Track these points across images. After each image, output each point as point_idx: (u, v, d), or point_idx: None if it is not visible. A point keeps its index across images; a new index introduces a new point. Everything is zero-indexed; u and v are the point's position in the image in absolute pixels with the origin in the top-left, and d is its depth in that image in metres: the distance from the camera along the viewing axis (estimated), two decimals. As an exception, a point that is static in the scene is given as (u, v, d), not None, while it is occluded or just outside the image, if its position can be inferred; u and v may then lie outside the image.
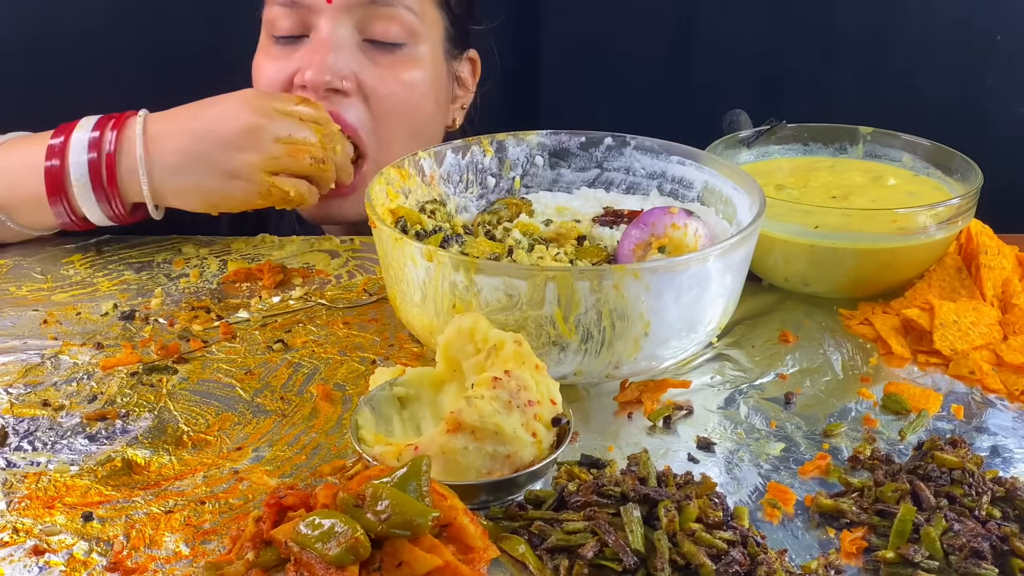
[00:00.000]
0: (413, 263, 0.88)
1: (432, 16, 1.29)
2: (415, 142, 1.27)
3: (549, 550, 0.73)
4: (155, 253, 1.24)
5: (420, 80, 1.28)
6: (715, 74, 1.81)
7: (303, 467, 0.85)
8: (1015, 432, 0.90)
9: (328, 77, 1.21)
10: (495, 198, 1.14)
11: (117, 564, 0.73)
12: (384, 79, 1.25)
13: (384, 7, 1.23)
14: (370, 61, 1.25)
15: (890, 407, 0.93)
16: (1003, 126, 1.76)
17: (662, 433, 0.90)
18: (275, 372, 0.99)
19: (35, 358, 1.00)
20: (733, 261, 0.90)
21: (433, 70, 1.30)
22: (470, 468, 0.76)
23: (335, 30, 1.22)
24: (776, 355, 1.02)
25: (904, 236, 1.06)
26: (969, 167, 1.14)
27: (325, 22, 1.22)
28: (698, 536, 0.72)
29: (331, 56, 1.21)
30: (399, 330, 1.06)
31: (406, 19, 1.25)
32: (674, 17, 1.81)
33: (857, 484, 0.81)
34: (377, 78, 1.25)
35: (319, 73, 1.20)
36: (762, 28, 1.80)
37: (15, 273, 1.18)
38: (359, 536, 0.65)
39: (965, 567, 0.72)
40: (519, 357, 0.81)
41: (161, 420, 0.91)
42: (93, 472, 0.83)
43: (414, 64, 1.27)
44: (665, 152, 1.12)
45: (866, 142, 1.25)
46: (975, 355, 0.99)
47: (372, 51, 1.25)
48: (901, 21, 1.75)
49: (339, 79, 1.22)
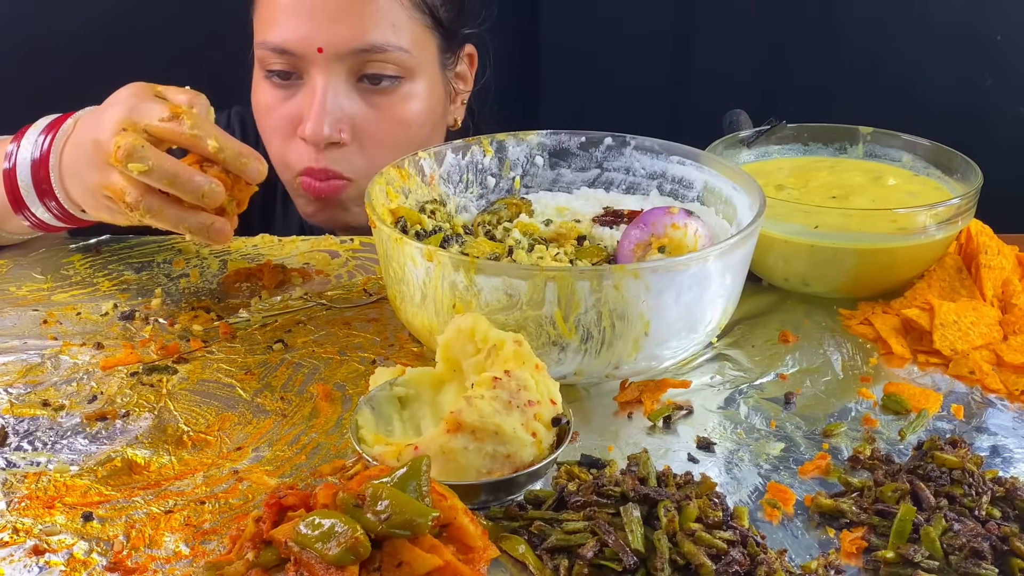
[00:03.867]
0: (413, 263, 0.88)
1: (424, 42, 1.28)
2: None
3: (549, 550, 0.73)
4: (155, 253, 1.24)
5: (417, 113, 1.29)
6: (715, 74, 1.81)
7: (303, 467, 0.85)
8: (1015, 432, 0.90)
9: (327, 131, 1.22)
10: (495, 198, 1.14)
11: (117, 564, 0.73)
12: (380, 121, 1.26)
13: (377, 53, 1.22)
14: (366, 104, 1.25)
15: (890, 407, 0.93)
16: (1003, 126, 1.76)
17: (662, 433, 0.90)
18: (275, 372, 0.99)
19: (35, 358, 1.00)
20: (733, 261, 0.90)
21: (431, 96, 1.30)
22: (470, 468, 0.76)
23: (328, 79, 1.22)
24: (776, 355, 1.02)
25: (904, 236, 1.06)
26: (969, 167, 1.14)
27: (317, 71, 1.22)
28: (698, 536, 0.72)
29: (327, 108, 1.22)
30: (399, 330, 1.06)
31: (400, 59, 1.24)
32: (674, 17, 1.81)
33: (857, 484, 0.81)
34: (373, 122, 1.26)
35: (317, 128, 1.22)
36: (762, 28, 1.80)
37: (15, 273, 1.18)
38: (359, 536, 0.65)
39: (965, 567, 0.72)
40: (519, 357, 0.81)
41: (161, 420, 0.91)
42: (93, 472, 0.83)
43: (411, 99, 1.28)
44: (665, 152, 1.12)
45: (866, 142, 1.25)
46: (975, 355, 0.99)
47: (367, 93, 1.25)
48: (901, 21, 1.76)
49: (336, 132, 1.23)
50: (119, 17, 1.70)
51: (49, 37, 1.69)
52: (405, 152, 1.27)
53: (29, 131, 1.09)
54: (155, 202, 0.96)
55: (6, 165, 1.09)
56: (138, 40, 1.69)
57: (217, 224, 0.99)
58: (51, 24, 1.68)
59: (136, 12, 1.71)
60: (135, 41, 1.69)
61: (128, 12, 1.70)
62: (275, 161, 1.32)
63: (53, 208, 1.09)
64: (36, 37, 1.69)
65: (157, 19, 1.71)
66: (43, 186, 1.07)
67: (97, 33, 1.69)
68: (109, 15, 1.70)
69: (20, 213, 1.10)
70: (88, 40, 1.68)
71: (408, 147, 1.27)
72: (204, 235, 0.99)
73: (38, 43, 1.69)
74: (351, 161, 1.26)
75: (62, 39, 1.69)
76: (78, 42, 1.68)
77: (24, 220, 1.11)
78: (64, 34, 1.69)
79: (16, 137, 1.09)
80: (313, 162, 1.25)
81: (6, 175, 1.08)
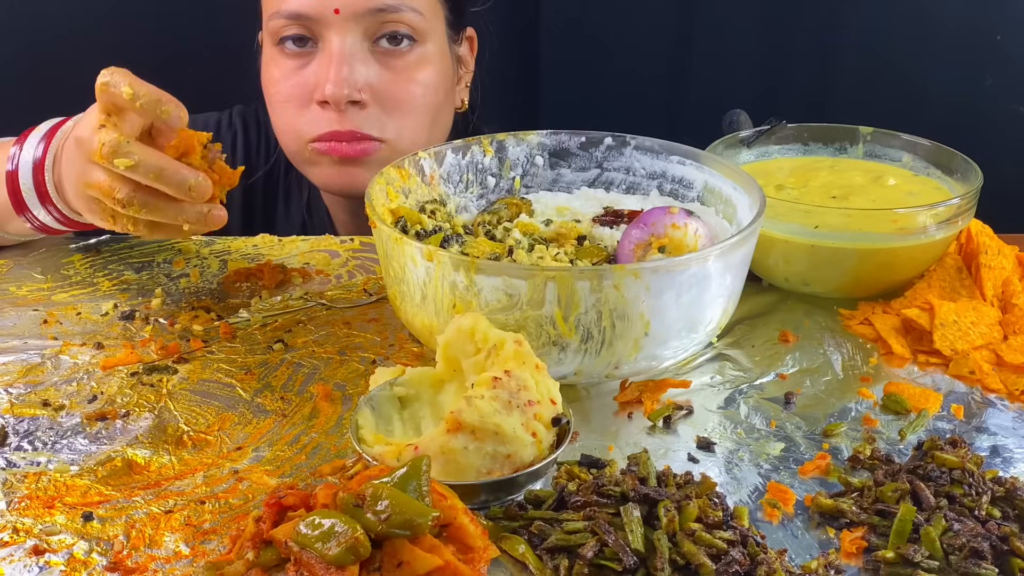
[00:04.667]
0: (413, 263, 0.88)
1: (435, 9, 1.30)
2: (430, 132, 1.31)
3: (549, 550, 0.73)
4: (155, 253, 1.24)
5: (432, 77, 1.29)
6: (715, 74, 1.81)
7: (303, 467, 0.85)
8: (1015, 432, 0.90)
9: (347, 91, 1.22)
10: (495, 198, 1.14)
11: (117, 564, 0.73)
12: (398, 83, 1.26)
13: (391, 13, 1.24)
14: (382, 67, 1.26)
15: (890, 407, 0.93)
16: (1003, 126, 1.76)
17: (662, 433, 0.90)
18: (275, 372, 0.99)
19: (35, 358, 1.00)
20: (733, 261, 0.90)
21: (441, 63, 1.32)
22: (470, 468, 0.76)
23: (345, 40, 1.23)
24: (776, 355, 1.02)
25: (904, 236, 1.06)
26: (969, 167, 1.14)
27: (334, 34, 1.23)
28: (698, 536, 0.72)
29: (345, 69, 1.22)
30: (399, 330, 1.06)
31: (413, 21, 1.26)
32: (675, 17, 1.81)
33: (857, 484, 0.81)
34: (391, 82, 1.26)
35: (337, 88, 1.21)
36: (762, 28, 1.80)
37: (15, 273, 1.18)
38: (359, 536, 0.65)
39: (965, 567, 0.72)
40: (519, 357, 0.81)
41: (161, 420, 0.91)
42: (93, 472, 0.83)
43: (425, 63, 1.29)
44: (665, 152, 1.12)
45: (866, 142, 1.25)
46: (975, 355, 0.99)
47: (383, 56, 1.26)
48: (901, 21, 1.75)
49: (356, 91, 1.23)
50: (119, 17, 1.70)
51: (49, 37, 1.68)
52: (423, 115, 1.29)
53: (32, 133, 1.10)
54: (148, 197, 0.95)
55: (9, 167, 1.09)
56: (138, 40, 1.69)
57: (214, 211, 0.98)
58: (51, 24, 1.68)
59: (136, 12, 1.71)
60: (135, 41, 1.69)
61: (128, 12, 1.70)
62: (285, 132, 1.31)
63: (52, 211, 1.09)
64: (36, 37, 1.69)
65: (157, 19, 1.71)
66: (41, 189, 1.07)
67: (97, 33, 1.69)
68: (109, 15, 1.70)
69: (22, 215, 1.10)
70: (88, 40, 1.68)
71: (425, 111, 1.29)
72: (202, 224, 0.98)
73: (38, 43, 1.69)
74: (379, 121, 1.26)
75: (62, 39, 1.68)
76: (78, 42, 1.68)
77: (27, 223, 1.12)
78: (64, 34, 1.68)
79: (19, 139, 1.10)
80: (337, 124, 1.24)
81: (9, 177, 1.09)
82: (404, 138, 1.28)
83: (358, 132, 1.25)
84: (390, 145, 1.27)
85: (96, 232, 1.23)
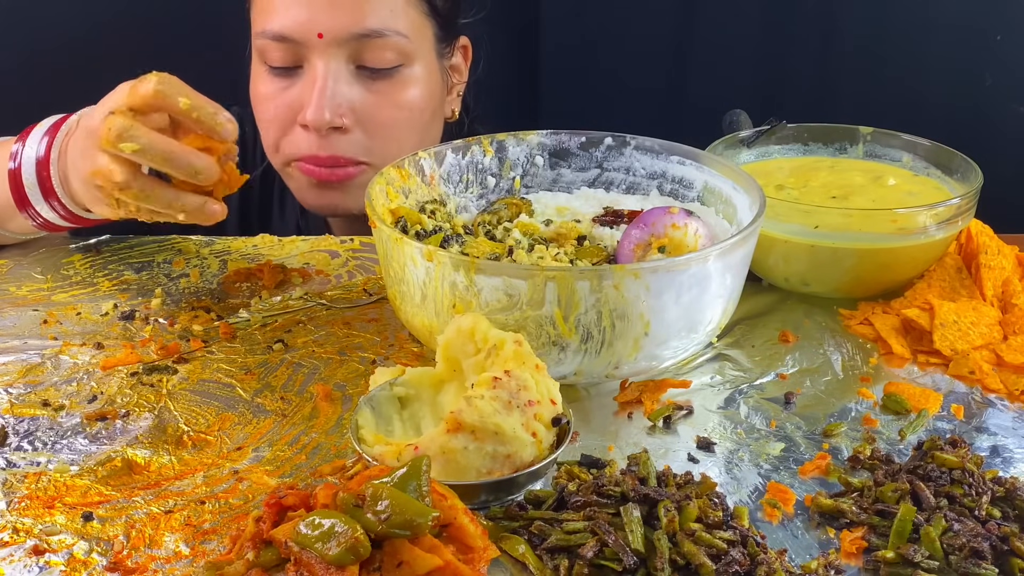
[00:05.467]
0: (413, 263, 0.88)
1: (422, 28, 1.28)
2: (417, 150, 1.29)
3: (549, 550, 0.73)
4: (155, 253, 1.24)
5: (418, 98, 1.28)
6: (715, 74, 1.81)
7: (303, 467, 0.85)
8: (1015, 432, 0.90)
9: (328, 116, 1.22)
10: (495, 198, 1.14)
11: (117, 564, 0.73)
12: (381, 106, 1.26)
13: (376, 38, 1.22)
14: (365, 90, 1.25)
15: (890, 407, 0.93)
16: (1003, 126, 1.76)
17: (662, 433, 0.90)
18: (275, 372, 0.99)
19: (35, 358, 1.00)
20: (733, 261, 0.90)
21: (429, 81, 1.30)
22: (470, 468, 0.76)
23: (328, 64, 1.22)
24: (776, 355, 1.02)
25: (904, 236, 1.06)
26: (969, 167, 1.14)
27: (317, 57, 1.22)
28: (698, 536, 0.72)
29: (328, 94, 1.22)
30: (399, 330, 1.06)
31: (398, 44, 1.24)
32: (675, 17, 1.81)
33: (857, 484, 0.81)
34: (374, 106, 1.25)
35: (318, 114, 1.21)
36: (762, 28, 1.80)
37: (15, 273, 1.18)
38: (359, 536, 0.65)
39: (965, 567, 0.72)
40: (519, 357, 0.81)
41: (161, 420, 0.91)
42: (93, 472, 0.83)
43: (411, 83, 1.27)
44: (665, 152, 1.12)
45: (866, 142, 1.25)
46: (975, 355, 0.99)
47: (367, 79, 1.25)
48: (901, 21, 1.75)
49: (338, 116, 1.22)
50: (119, 17, 1.70)
51: (49, 37, 1.68)
52: (408, 136, 1.27)
53: (34, 130, 1.10)
54: (146, 183, 0.95)
55: (11, 164, 1.09)
56: (138, 40, 1.69)
57: (211, 204, 0.98)
58: (51, 24, 1.68)
59: (136, 12, 1.71)
60: (135, 41, 1.69)
61: (128, 12, 1.70)
62: (269, 148, 1.32)
63: (57, 207, 1.09)
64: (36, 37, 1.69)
65: (157, 19, 1.71)
66: (46, 184, 1.07)
67: (97, 33, 1.69)
68: (109, 15, 1.70)
69: (25, 212, 1.10)
70: (88, 40, 1.68)
71: (410, 132, 1.28)
72: (198, 216, 0.98)
73: (38, 43, 1.69)
74: (363, 144, 1.26)
75: (62, 39, 1.68)
76: (78, 42, 1.68)
77: (29, 220, 1.12)
78: (64, 34, 1.68)
79: (21, 136, 1.10)
80: (318, 149, 1.25)
81: (11, 174, 1.09)
82: (389, 159, 1.25)
83: (341, 158, 1.25)
84: (374, 168, 1.26)
85: (96, 232, 1.23)
